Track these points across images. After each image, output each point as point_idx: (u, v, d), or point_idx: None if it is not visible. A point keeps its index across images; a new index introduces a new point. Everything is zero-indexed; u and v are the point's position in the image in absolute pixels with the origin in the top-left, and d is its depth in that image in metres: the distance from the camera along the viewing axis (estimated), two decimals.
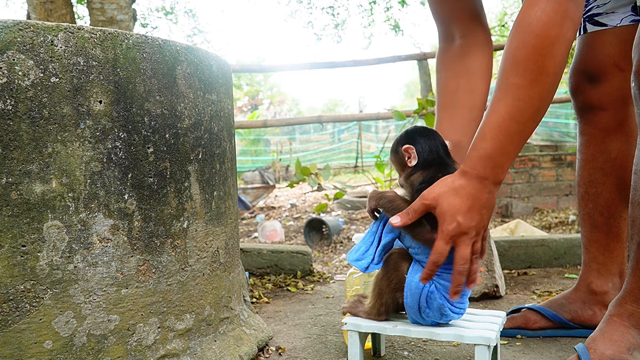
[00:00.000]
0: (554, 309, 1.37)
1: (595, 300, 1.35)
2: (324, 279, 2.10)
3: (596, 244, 1.37)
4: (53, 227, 0.89)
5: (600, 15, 1.29)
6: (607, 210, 1.35)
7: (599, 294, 1.34)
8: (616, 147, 1.34)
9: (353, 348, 1.13)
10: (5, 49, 0.85)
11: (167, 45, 1.03)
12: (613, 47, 1.28)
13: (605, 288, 1.34)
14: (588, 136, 1.37)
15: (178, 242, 1.05)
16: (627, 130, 1.34)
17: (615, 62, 1.29)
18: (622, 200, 1.34)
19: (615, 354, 1.02)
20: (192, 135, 1.07)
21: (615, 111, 1.33)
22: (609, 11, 1.28)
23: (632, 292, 1.06)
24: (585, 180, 1.39)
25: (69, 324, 0.90)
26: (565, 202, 4.02)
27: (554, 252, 2.16)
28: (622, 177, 1.34)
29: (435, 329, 1.07)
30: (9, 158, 0.86)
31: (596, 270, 1.36)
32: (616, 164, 1.34)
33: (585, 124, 1.37)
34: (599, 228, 1.36)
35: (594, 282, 1.35)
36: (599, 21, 1.30)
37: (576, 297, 1.37)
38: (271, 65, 11.06)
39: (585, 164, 1.39)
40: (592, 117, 1.35)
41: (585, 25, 1.33)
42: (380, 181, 3.60)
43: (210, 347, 1.11)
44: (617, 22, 1.27)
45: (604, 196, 1.35)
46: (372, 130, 16.57)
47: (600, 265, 1.35)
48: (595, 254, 1.36)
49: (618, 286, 1.34)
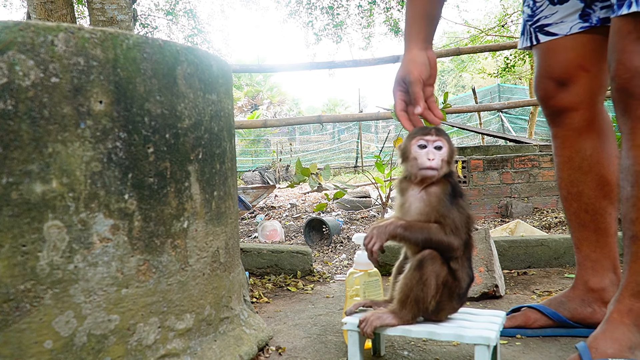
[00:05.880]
0: (554, 307, 1.38)
1: (593, 298, 1.35)
2: (324, 278, 2.10)
3: (586, 242, 1.38)
4: (53, 227, 0.89)
5: (550, 26, 1.34)
6: (592, 207, 1.37)
7: (597, 291, 1.35)
8: (590, 145, 1.37)
9: (353, 348, 1.13)
10: (6, 49, 0.85)
11: (168, 46, 1.03)
12: (574, 51, 1.32)
13: (602, 285, 1.35)
14: (562, 138, 1.41)
15: (178, 242, 1.05)
16: (597, 128, 1.37)
17: (579, 63, 1.32)
18: (605, 196, 1.37)
19: (617, 352, 1.02)
20: (192, 135, 1.08)
21: (585, 111, 1.36)
22: (558, 21, 1.32)
23: (629, 287, 1.07)
24: (565, 181, 1.42)
25: (69, 324, 0.90)
26: None
27: (553, 252, 2.16)
28: (600, 174, 1.37)
29: (435, 329, 1.07)
30: (10, 158, 0.86)
31: (591, 268, 1.37)
32: (592, 161, 1.37)
33: (558, 127, 1.41)
34: (587, 226, 1.38)
35: (590, 279, 1.36)
36: (549, 31, 1.34)
37: (575, 295, 1.38)
38: (271, 65, 11.05)
39: (564, 165, 1.42)
40: (563, 119, 1.39)
41: (537, 36, 1.37)
42: (380, 181, 3.60)
43: (210, 347, 1.11)
44: (566, 30, 1.32)
45: (586, 194, 1.38)
46: (372, 130, 16.57)
47: (594, 262, 1.37)
48: (587, 252, 1.38)
49: (614, 282, 1.35)
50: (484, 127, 10.09)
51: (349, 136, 16.38)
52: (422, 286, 1.05)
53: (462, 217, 1.08)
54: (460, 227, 1.07)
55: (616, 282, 1.35)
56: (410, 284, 1.06)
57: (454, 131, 12.43)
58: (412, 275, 1.06)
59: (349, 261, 2.49)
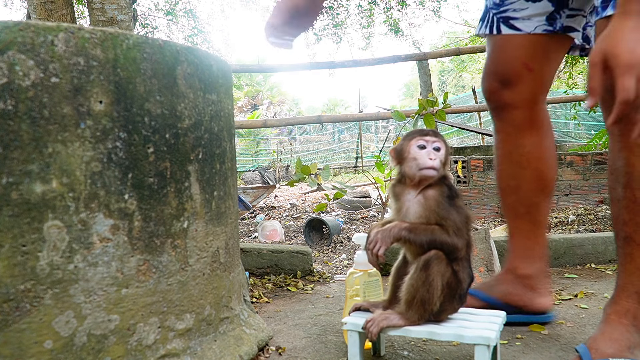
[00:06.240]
0: (485, 290, 1.47)
1: (521, 283, 1.45)
2: (324, 278, 2.10)
3: (519, 231, 1.47)
4: (53, 227, 0.89)
5: (517, 20, 1.37)
6: (528, 200, 1.45)
7: (525, 277, 1.44)
8: (529, 141, 1.43)
9: (353, 348, 1.13)
10: (6, 49, 0.85)
11: (168, 46, 1.03)
12: (524, 50, 1.37)
13: (529, 271, 1.44)
14: (503, 134, 1.47)
15: (178, 242, 1.05)
16: (537, 126, 1.44)
17: (524, 63, 1.37)
18: (541, 191, 1.44)
19: (616, 352, 1.03)
20: (193, 135, 1.08)
21: (526, 109, 1.42)
22: (525, 17, 1.35)
23: (625, 288, 1.09)
24: (504, 174, 1.48)
25: (69, 324, 0.90)
26: (565, 202, 4.02)
27: (553, 252, 2.16)
28: (538, 169, 1.44)
29: (435, 329, 1.07)
30: (10, 158, 0.86)
31: (521, 256, 1.46)
32: (531, 157, 1.43)
33: (500, 122, 1.47)
34: (522, 217, 1.46)
35: (519, 266, 1.46)
36: (514, 25, 1.37)
37: (504, 279, 1.47)
38: (271, 65, 11.04)
39: (503, 159, 1.48)
40: (505, 115, 1.44)
41: (500, 26, 1.39)
42: (380, 181, 3.60)
43: (210, 347, 1.11)
44: (531, 29, 1.35)
45: (523, 188, 1.45)
46: (372, 130, 16.57)
47: (525, 250, 1.46)
48: (519, 241, 1.47)
49: (541, 269, 1.45)
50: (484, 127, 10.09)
51: (349, 136, 16.38)
52: (429, 287, 1.05)
53: (461, 218, 1.08)
54: (462, 227, 1.08)
55: (542, 270, 1.45)
56: (416, 285, 1.06)
57: (454, 131, 12.43)
58: (418, 276, 1.06)
59: (349, 261, 2.49)
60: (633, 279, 1.07)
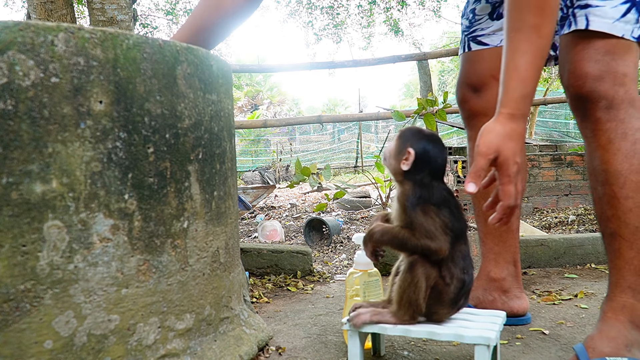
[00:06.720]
0: None
1: (494, 287, 1.48)
2: (324, 278, 2.10)
3: (491, 236, 1.50)
4: (53, 227, 0.89)
5: (483, 36, 1.49)
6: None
7: (497, 280, 1.48)
8: None
9: (353, 348, 1.13)
10: (6, 49, 0.85)
11: (168, 46, 1.03)
12: (491, 62, 1.44)
13: (502, 275, 1.48)
14: (474, 141, 1.49)
15: (178, 242, 1.05)
16: None
17: (492, 74, 1.44)
18: None
19: (614, 351, 1.03)
20: (193, 135, 1.08)
21: None
22: (491, 33, 1.47)
23: (618, 284, 1.10)
24: None
25: (69, 324, 0.90)
26: (565, 202, 4.02)
27: (553, 252, 2.16)
28: None
29: (435, 329, 1.07)
30: (9, 158, 0.86)
31: (493, 260, 1.49)
32: None
33: (472, 130, 1.52)
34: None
35: (492, 270, 1.49)
36: (482, 41, 1.49)
37: (478, 285, 1.49)
38: (271, 65, 11.05)
39: None
40: (477, 123, 1.47)
41: (470, 45, 1.51)
42: (380, 181, 3.60)
43: (210, 347, 1.11)
44: (497, 42, 1.46)
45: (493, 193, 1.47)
46: (372, 130, 16.57)
47: (496, 254, 1.49)
48: (490, 246, 1.50)
49: (513, 273, 1.48)
50: None
51: (349, 136, 16.39)
52: (414, 288, 1.06)
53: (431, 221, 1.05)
54: (435, 230, 1.04)
55: (514, 273, 1.48)
56: (403, 286, 1.08)
57: (454, 131, 12.43)
58: (404, 277, 1.08)
59: (349, 261, 2.49)
60: (624, 273, 1.08)
